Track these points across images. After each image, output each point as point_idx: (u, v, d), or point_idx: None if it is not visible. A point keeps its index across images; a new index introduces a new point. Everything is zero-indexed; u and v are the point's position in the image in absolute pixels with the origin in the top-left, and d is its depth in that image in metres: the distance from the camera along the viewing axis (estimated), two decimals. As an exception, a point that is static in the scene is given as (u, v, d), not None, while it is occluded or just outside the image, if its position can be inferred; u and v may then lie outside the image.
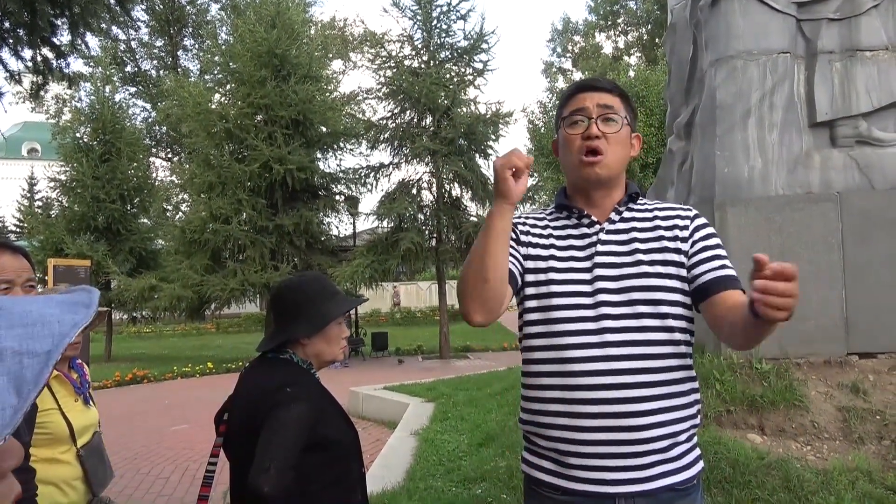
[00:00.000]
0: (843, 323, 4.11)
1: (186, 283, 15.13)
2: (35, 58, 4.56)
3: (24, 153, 49.23)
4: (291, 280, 1.92)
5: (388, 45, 15.59)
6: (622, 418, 1.43)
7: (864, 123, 4.42)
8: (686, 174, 5.04)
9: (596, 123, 1.52)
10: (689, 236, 1.53)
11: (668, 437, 1.45)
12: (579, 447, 1.46)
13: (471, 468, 4.47)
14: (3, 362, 0.46)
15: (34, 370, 0.48)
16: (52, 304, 0.53)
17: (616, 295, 1.48)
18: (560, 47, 39.29)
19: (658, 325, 1.47)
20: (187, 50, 33.62)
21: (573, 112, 1.55)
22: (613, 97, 1.56)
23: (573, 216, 1.60)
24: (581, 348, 1.47)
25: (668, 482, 1.45)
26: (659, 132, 18.12)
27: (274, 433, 1.56)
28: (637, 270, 1.49)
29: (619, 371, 1.44)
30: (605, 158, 1.51)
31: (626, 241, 1.53)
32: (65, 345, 0.50)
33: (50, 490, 2.00)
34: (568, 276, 1.52)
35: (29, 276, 1.71)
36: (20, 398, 0.46)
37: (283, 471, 1.50)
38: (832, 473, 3.24)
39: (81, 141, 17.42)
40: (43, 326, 0.50)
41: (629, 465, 1.43)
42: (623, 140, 1.55)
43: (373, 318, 27.15)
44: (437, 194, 15.01)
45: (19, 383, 0.46)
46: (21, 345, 0.48)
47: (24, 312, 0.50)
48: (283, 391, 1.65)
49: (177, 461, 6.36)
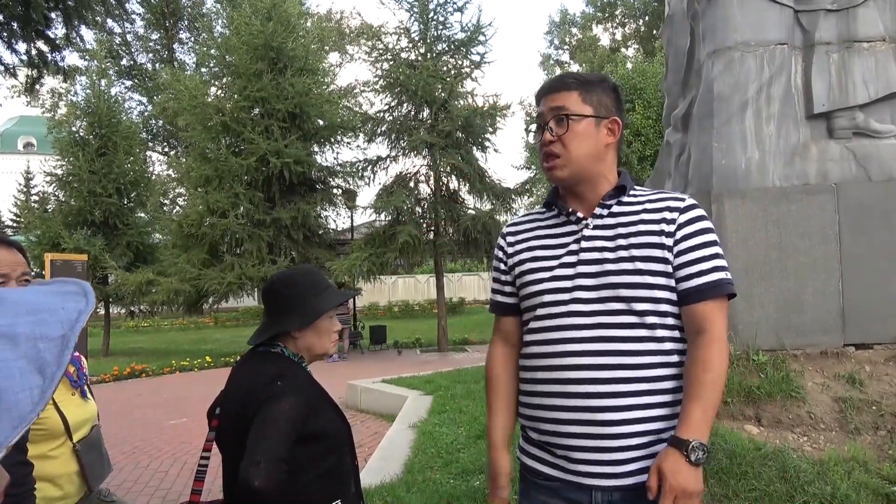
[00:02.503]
0: (840, 314, 4.12)
1: (184, 277, 15.12)
2: (30, 51, 4.53)
3: (20, 147, 49.06)
4: (283, 273, 1.92)
5: (385, 37, 15.55)
6: (597, 412, 1.45)
7: (861, 115, 4.42)
8: (683, 166, 5.04)
9: (549, 129, 1.54)
10: (674, 231, 1.49)
11: (648, 434, 1.45)
12: (561, 439, 1.51)
13: (469, 460, 4.49)
14: (19, 347, 0.49)
15: (53, 353, 0.51)
16: (48, 294, 0.56)
17: (591, 292, 1.49)
18: (557, 39, 39.19)
19: (635, 321, 1.46)
20: (183, 43, 33.46)
21: (536, 120, 1.61)
22: (569, 93, 1.54)
23: (561, 214, 1.62)
24: (562, 343, 1.51)
25: None
26: (656, 124, 18.10)
27: (265, 427, 1.56)
28: (618, 267, 1.48)
29: (592, 366, 1.46)
30: (561, 160, 1.53)
31: (611, 236, 1.52)
32: (78, 330, 0.54)
33: (44, 485, 2.00)
34: (551, 274, 1.55)
35: (24, 269, 1.71)
36: (45, 378, 0.50)
37: (274, 464, 1.50)
38: (828, 464, 3.26)
39: (77, 135, 17.37)
40: (50, 314, 0.53)
41: (603, 459, 1.46)
42: (582, 134, 1.53)
43: (371, 311, 27.17)
44: (434, 187, 15.00)
45: (41, 365, 0.50)
46: (33, 331, 0.51)
47: (25, 301, 0.53)
48: (274, 385, 1.65)
49: (175, 455, 6.38)
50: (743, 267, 4.14)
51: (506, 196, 15.43)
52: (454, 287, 29.37)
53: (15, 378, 0.48)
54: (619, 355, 1.45)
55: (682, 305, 1.49)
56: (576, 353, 1.48)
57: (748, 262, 4.15)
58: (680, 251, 1.48)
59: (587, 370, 1.46)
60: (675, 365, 1.49)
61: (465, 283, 31.22)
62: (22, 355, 0.49)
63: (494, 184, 15.38)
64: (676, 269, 1.48)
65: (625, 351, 1.45)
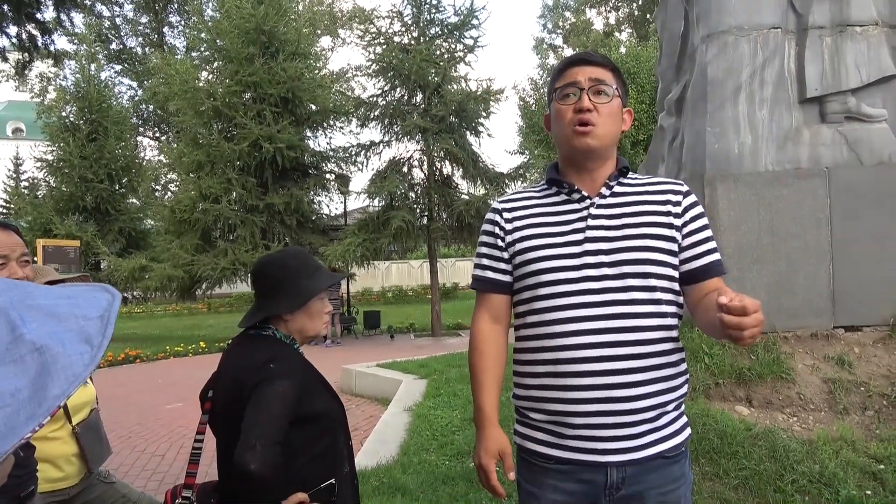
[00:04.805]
0: (830, 297, 4.17)
1: (177, 263, 15.08)
2: (20, 34, 4.49)
3: (9, 133, 48.52)
4: (272, 256, 1.90)
5: (378, 21, 15.41)
6: (612, 389, 1.46)
7: (853, 99, 4.44)
8: (677, 150, 5.06)
9: (588, 95, 1.54)
10: (681, 213, 1.57)
11: (657, 408, 1.49)
12: (572, 419, 1.49)
13: (464, 442, 4.53)
14: (64, 322, 0.57)
15: (95, 328, 0.59)
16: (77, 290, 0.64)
17: (606, 269, 1.50)
18: (551, 23, 38.98)
19: (647, 297, 1.50)
20: (173, 27, 33.13)
21: (565, 85, 1.57)
22: (605, 71, 1.58)
23: (563, 191, 1.61)
24: (570, 322, 1.49)
25: (658, 450, 1.50)
26: (650, 108, 18.09)
27: (259, 410, 1.57)
28: (627, 244, 1.51)
29: (609, 343, 1.47)
30: (596, 129, 1.53)
31: (617, 214, 1.55)
32: (115, 313, 0.61)
33: (45, 467, 2.02)
34: (557, 252, 1.54)
35: (23, 250, 1.73)
36: (92, 347, 0.58)
37: (269, 447, 1.51)
38: (817, 443, 3.32)
39: (67, 120, 17.23)
40: (84, 300, 0.61)
41: (620, 434, 1.47)
42: (614, 113, 1.57)
43: (365, 296, 27.19)
44: (428, 172, 14.96)
45: (86, 337, 0.58)
46: (73, 311, 0.59)
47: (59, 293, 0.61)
48: (267, 367, 1.65)
49: (172, 438, 6.40)
50: (735, 250, 4.18)
51: (499, 181, 15.40)
52: (448, 272, 29.39)
53: (66, 344, 0.55)
54: (632, 331, 1.47)
55: (690, 283, 1.55)
56: (589, 332, 1.47)
57: (740, 245, 4.19)
58: (689, 232, 1.56)
59: (602, 347, 1.46)
60: (676, 339, 1.55)
61: (458, 268, 31.25)
62: (67, 329, 0.57)
63: (488, 168, 15.36)
64: (685, 249, 1.55)
65: (638, 327, 1.47)
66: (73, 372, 0.55)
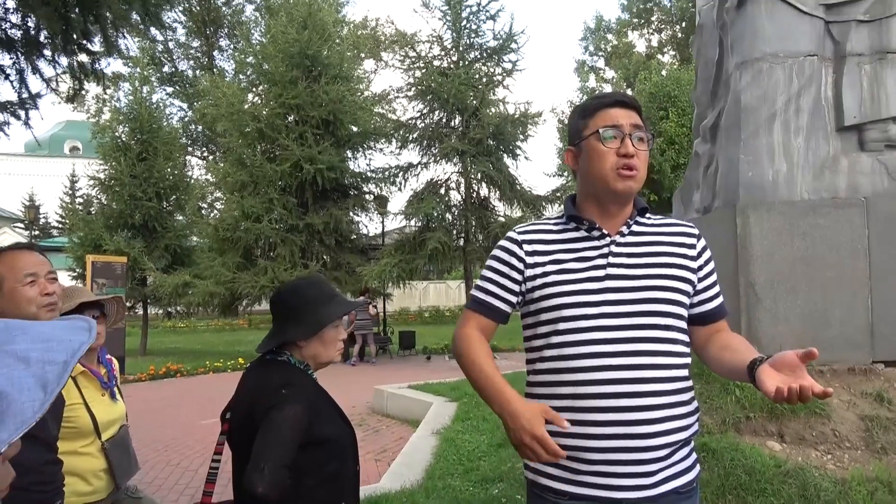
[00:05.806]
0: (869, 330, 4.04)
1: (219, 280, 15.45)
2: (72, 64, 4.73)
3: (67, 151, 50.67)
4: (291, 283, 1.98)
5: (418, 45, 15.69)
6: (632, 426, 1.46)
7: (894, 127, 4.33)
8: (711, 178, 5.00)
9: (631, 141, 1.56)
10: (696, 256, 1.63)
11: (673, 444, 1.50)
12: (589, 454, 1.48)
13: (489, 468, 4.51)
14: (31, 367, 0.64)
15: (55, 374, 0.65)
16: (59, 328, 0.71)
17: (627, 306, 1.52)
18: (592, 46, 38.95)
19: (664, 336, 1.52)
20: (223, 50, 34.22)
21: (609, 127, 1.57)
22: (639, 116, 1.61)
23: (582, 227, 1.62)
24: (592, 358, 1.49)
25: (672, 486, 1.50)
26: (690, 132, 17.86)
27: (269, 434, 1.62)
28: (648, 283, 1.54)
29: (629, 380, 1.47)
30: (639, 174, 1.58)
31: (638, 253, 1.58)
32: (78, 356, 0.68)
33: (74, 480, 2.11)
34: (578, 287, 1.54)
35: (49, 269, 1.87)
36: (46, 393, 0.63)
37: (277, 470, 1.56)
38: (851, 483, 3.20)
39: (120, 140, 17.84)
40: (58, 343, 0.68)
41: (637, 471, 1.47)
42: (648, 158, 1.63)
43: (402, 316, 27.31)
44: (465, 194, 15.06)
45: (44, 383, 0.64)
46: (43, 356, 0.65)
47: (40, 332, 0.68)
48: (279, 392, 1.71)
49: (205, 454, 6.53)
50: (768, 280, 4.10)
51: (536, 203, 15.40)
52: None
53: (24, 392, 0.62)
54: (651, 369, 1.48)
55: (699, 324, 1.63)
56: (609, 368, 1.48)
57: (773, 275, 4.10)
58: (703, 275, 1.63)
59: (622, 384, 1.47)
60: (688, 377, 1.57)
61: (495, 289, 31.12)
62: (32, 374, 0.63)
63: (525, 191, 15.38)
64: (699, 292, 1.62)
65: (656, 365, 1.49)
66: (23, 418, 0.60)
